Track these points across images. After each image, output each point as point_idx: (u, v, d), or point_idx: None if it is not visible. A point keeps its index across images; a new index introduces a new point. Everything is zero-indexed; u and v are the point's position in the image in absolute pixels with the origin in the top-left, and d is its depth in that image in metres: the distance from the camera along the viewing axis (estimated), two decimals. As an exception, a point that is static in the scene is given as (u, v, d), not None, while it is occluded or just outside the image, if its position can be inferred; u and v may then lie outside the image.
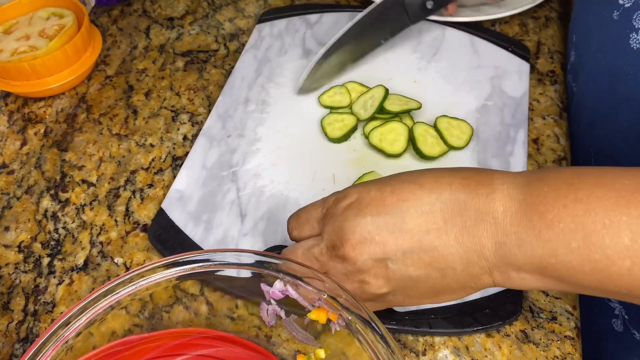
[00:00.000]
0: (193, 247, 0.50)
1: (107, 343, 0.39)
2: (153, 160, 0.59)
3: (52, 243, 0.53)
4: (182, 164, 0.57)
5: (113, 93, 0.66)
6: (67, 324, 0.35)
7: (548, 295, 0.47)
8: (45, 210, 0.55)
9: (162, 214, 0.53)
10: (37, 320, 0.48)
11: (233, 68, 0.67)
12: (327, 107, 0.61)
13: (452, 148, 0.56)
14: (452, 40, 0.68)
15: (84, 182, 0.57)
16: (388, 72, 0.65)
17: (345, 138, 0.58)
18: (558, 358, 0.44)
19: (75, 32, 0.64)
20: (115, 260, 0.51)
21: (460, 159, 0.56)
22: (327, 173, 0.55)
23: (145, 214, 0.54)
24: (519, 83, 0.63)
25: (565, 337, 0.45)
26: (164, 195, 0.55)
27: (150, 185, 0.57)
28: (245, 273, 0.39)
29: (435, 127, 0.57)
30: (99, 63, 0.69)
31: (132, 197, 0.56)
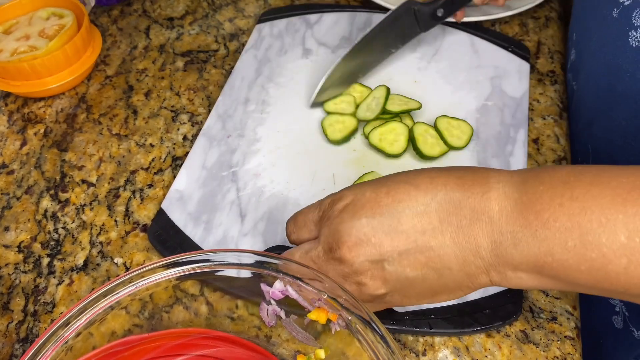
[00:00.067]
0: (193, 247, 0.50)
1: (107, 343, 0.39)
2: (153, 161, 0.59)
3: (52, 243, 0.53)
4: (182, 164, 0.57)
5: (113, 93, 0.66)
6: (67, 324, 0.36)
7: (548, 296, 0.47)
8: (45, 211, 0.55)
9: (162, 214, 0.53)
10: (37, 321, 0.48)
11: (233, 68, 0.66)
12: (331, 113, 0.60)
13: (452, 148, 0.56)
14: (452, 40, 0.68)
15: (84, 182, 0.57)
16: (388, 72, 0.65)
17: (346, 140, 0.58)
18: (558, 358, 0.44)
19: (75, 32, 0.64)
20: (115, 261, 0.51)
21: (461, 159, 0.56)
22: (327, 173, 0.55)
23: (145, 214, 0.54)
24: (519, 83, 0.63)
25: (566, 337, 0.45)
26: (164, 196, 0.55)
27: (150, 186, 0.57)
28: (245, 273, 0.39)
29: (435, 127, 0.57)
30: (99, 63, 0.69)
31: (132, 197, 0.56)
